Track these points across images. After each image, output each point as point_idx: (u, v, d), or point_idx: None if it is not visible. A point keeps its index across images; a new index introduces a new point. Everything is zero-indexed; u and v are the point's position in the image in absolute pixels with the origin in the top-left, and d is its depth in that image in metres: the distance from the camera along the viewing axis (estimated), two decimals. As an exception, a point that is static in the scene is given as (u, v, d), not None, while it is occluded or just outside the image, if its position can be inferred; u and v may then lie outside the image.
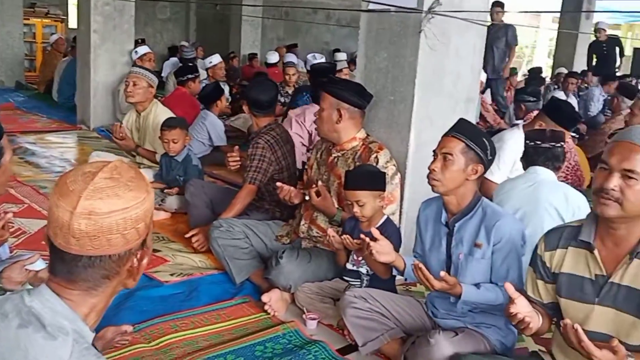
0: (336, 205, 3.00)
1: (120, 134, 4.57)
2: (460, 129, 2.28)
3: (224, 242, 3.12)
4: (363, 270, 2.76)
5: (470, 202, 2.28)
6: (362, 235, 2.40)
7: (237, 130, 6.60)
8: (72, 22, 10.64)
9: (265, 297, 2.86)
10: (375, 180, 2.73)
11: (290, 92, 6.92)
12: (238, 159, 3.60)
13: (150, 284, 3.03)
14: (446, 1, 3.04)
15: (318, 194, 2.94)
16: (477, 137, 2.26)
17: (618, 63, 10.88)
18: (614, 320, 1.79)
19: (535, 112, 4.31)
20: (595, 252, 1.80)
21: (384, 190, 2.77)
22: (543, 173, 2.84)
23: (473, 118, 3.38)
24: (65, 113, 7.71)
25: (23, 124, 7.05)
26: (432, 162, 2.28)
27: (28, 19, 10.80)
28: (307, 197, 3.00)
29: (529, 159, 2.91)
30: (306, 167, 3.37)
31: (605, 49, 10.66)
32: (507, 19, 8.84)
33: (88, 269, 1.18)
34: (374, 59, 3.32)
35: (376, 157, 2.94)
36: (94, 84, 6.79)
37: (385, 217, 2.79)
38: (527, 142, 2.92)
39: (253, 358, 2.46)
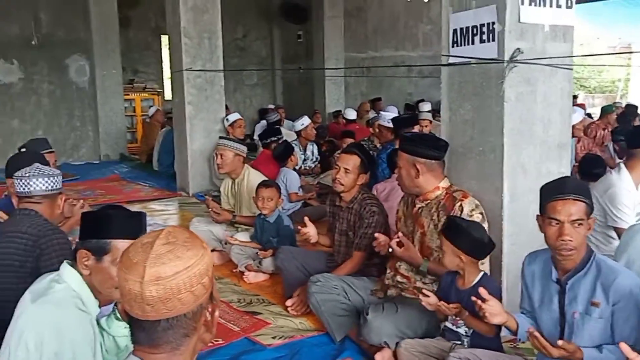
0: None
1: (214, 210, 4.65)
2: (573, 188, 2.17)
3: (322, 297, 3.18)
4: (462, 330, 2.69)
5: (583, 258, 2.20)
6: (473, 298, 2.33)
7: (327, 187, 6.71)
8: (168, 94, 11.31)
9: (378, 357, 2.84)
10: (477, 250, 2.64)
11: (378, 145, 7.05)
12: (313, 233, 3.63)
13: (253, 347, 3.10)
14: (528, 48, 3.02)
15: (400, 244, 2.95)
16: (587, 191, 2.19)
17: None
18: None
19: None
20: None
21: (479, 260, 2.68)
22: None
23: (568, 163, 3.27)
24: (166, 181, 8.17)
25: (128, 194, 7.54)
26: (562, 232, 2.14)
27: (128, 94, 11.57)
28: (390, 250, 3.02)
29: None
30: (396, 220, 3.38)
31: None
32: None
33: (168, 331, 1.27)
34: (459, 111, 3.33)
35: (460, 205, 2.91)
36: (190, 152, 7.20)
37: (482, 273, 2.70)
38: None
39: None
